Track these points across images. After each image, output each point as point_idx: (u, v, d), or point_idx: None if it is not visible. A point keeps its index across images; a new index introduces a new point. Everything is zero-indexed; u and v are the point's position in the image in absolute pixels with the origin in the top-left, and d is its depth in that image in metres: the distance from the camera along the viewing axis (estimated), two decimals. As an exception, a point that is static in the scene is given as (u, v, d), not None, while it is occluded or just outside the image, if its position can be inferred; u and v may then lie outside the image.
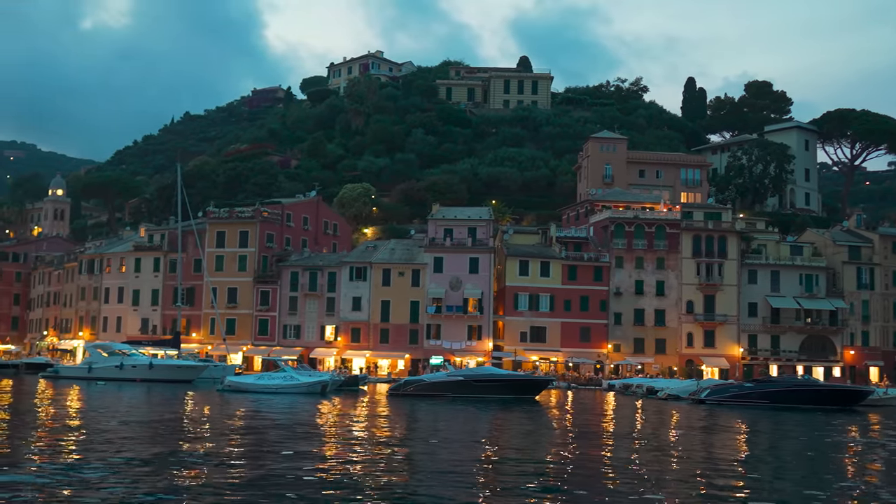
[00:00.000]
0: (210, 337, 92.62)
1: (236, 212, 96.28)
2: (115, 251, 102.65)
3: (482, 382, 55.93)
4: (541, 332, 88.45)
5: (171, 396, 50.32)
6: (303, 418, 37.10)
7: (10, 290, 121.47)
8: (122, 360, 71.46)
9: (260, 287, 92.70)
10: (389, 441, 27.42)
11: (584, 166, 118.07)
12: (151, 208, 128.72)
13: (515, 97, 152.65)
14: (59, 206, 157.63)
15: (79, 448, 22.60)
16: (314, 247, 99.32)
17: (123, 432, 27.54)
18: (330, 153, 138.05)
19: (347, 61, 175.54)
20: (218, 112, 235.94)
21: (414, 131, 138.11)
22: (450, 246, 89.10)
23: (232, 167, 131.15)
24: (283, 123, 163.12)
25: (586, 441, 29.27)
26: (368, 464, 20.85)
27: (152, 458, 20.86)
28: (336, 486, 17.08)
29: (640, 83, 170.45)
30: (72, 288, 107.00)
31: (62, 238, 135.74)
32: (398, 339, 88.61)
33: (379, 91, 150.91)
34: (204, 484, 16.81)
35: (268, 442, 26.19)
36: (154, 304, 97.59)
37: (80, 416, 34.35)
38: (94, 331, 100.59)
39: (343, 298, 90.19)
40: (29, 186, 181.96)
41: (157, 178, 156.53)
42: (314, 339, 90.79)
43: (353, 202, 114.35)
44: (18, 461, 19.61)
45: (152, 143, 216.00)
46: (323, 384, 58.95)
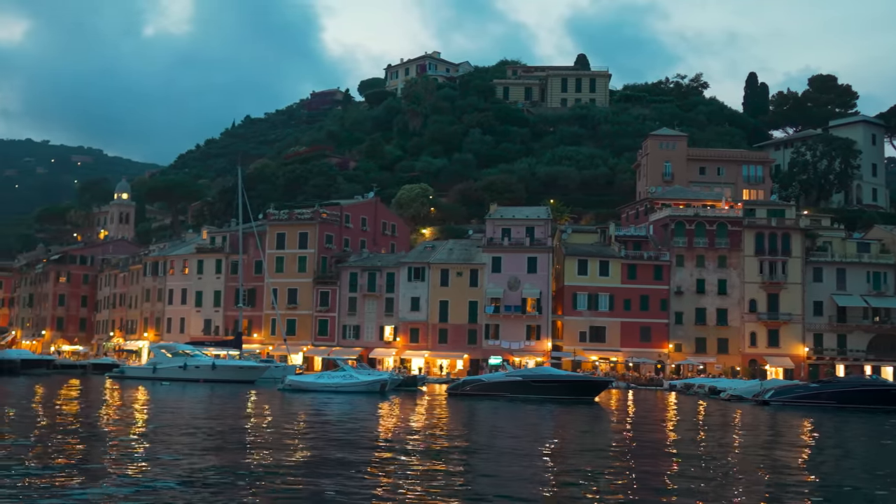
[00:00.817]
0: (271, 337, 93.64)
1: (296, 213, 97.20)
2: (178, 253, 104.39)
3: (541, 383, 55.62)
4: (600, 332, 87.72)
5: (233, 396, 50.99)
6: (362, 416, 37.28)
7: (77, 292, 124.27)
8: (185, 360, 72.69)
9: (319, 288, 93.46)
10: (448, 440, 27.38)
11: (644, 164, 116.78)
12: (213, 211, 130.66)
13: (573, 95, 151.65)
14: (124, 209, 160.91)
15: (150, 448, 23.01)
16: (373, 247, 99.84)
17: (200, 433, 27.96)
18: (388, 154, 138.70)
19: (405, 62, 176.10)
20: (277, 115, 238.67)
21: (471, 131, 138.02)
22: (508, 246, 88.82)
23: (291, 169, 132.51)
24: (342, 125, 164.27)
25: (647, 442, 28.92)
26: (424, 464, 20.83)
27: (221, 460, 21.13)
28: (393, 487, 17.08)
29: (700, 79, 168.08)
30: (137, 290, 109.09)
31: (127, 241, 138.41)
32: (457, 340, 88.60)
33: (436, 92, 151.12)
34: (267, 482, 16.96)
35: (332, 438, 26.35)
36: (216, 305, 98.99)
37: (154, 416, 35.00)
38: (159, 332, 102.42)
39: (402, 299, 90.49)
40: (95, 191, 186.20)
41: (219, 181, 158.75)
42: (373, 339, 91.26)
43: (411, 203, 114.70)
44: (95, 461, 20.02)
45: (214, 147, 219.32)
46: (382, 383, 59.26)
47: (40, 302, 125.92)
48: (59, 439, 24.53)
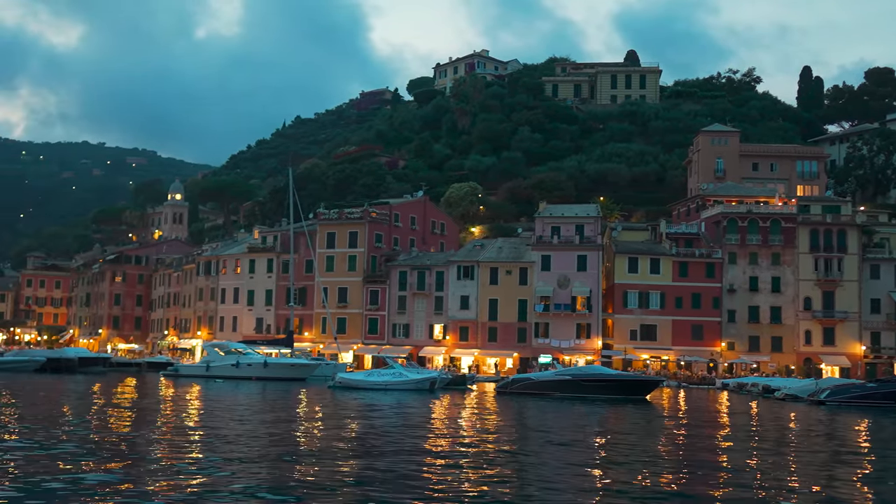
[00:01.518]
0: (321, 336, 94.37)
1: (346, 213, 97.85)
2: (231, 253, 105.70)
3: (591, 382, 55.29)
4: (651, 330, 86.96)
5: (285, 393, 51.50)
6: (412, 413, 37.40)
7: (133, 291, 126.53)
8: (238, 358, 73.60)
9: (369, 287, 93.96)
10: (496, 439, 27.36)
11: (695, 161, 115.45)
12: (264, 211, 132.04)
13: (623, 92, 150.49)
14: (177, 210, 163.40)
15: (212, 443, 23.33)
16: (422, 246, 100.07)
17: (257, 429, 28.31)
18: (437, 153, 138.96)
19: (453, 61, 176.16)
20: (327, 115, 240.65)
21: (520, 129, 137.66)
22: (557, 244, 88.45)
23: (341, 169, 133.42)
24: (391, 125, 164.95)
25: (700, 442, 28.61)
26: (474, 462, 20.82)
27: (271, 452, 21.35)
28: (444, 486, 17.09)
29: (752, 74, 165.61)
30: (190, 289, 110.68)
31: (181, 241, 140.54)
32: (506, 338, 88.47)
33: (485, 90, 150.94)
34: (319, 478, 17.10)
35: (380, 436, 26.48)
36: (268, 304, 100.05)
37: (222, 413, 35.47)
38: (212, 330, 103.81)
39: (451, 297, 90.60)
40: (150, 192, 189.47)
41: (270, 182, 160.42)
42: (423, 337, 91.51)
43: (460, 201, 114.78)
44: (148, 456, 20.38)
45: (265, 148, 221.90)
46: (431, 381, 59.41)
47: (97, 301, 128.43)
48: (118, 435, 24.99)
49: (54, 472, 17.03)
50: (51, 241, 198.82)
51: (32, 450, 20.41)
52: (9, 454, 19.20)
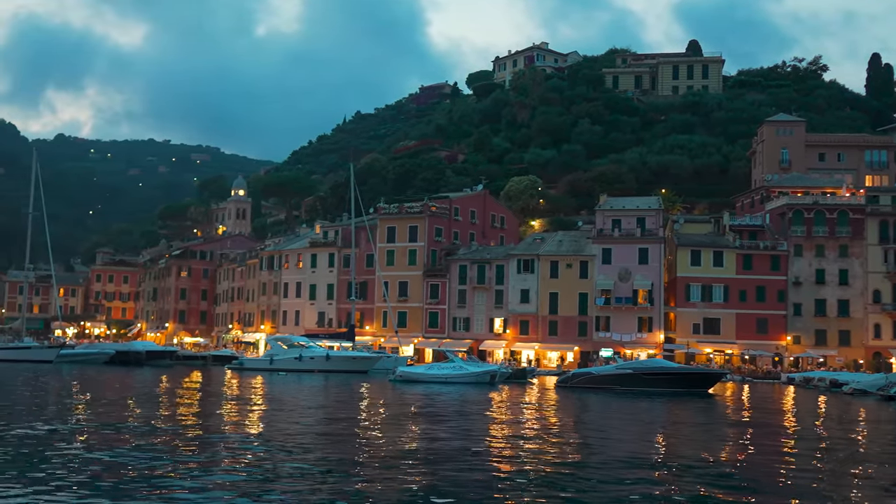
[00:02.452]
0: (382, 329, 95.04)
1: (406, 207, 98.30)
2: (293, 248, 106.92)
3: (652, 375, 54.83)
4: (714, 324, 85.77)
5: (347, 386, 52.04)
6: (472, 406, 37.50)
7: (198, 286, 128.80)
8: (301, 352, 74.65)
9: (429, 280, 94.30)
10: (559, 433, 27.32)
11: (759, 151, 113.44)
12: (326, 206, 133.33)
13: (685, 83, 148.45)
14: (241, 205, 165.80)
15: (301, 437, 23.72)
16: (482, 240, 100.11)
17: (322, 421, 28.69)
18: (496, 147, 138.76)
19: (512, 54, 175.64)
20: (387, 110, 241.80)
21: (580, 122, 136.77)
22: (618, 237, 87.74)
23: (401, 164, 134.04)
24: (450, 119, 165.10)
25: (764, 438, 28.23)
26: (536, 455, 20.84)
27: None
28: (506, 482, 17.15)
29: (818, 62, 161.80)
30: (254, 283, 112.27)
31: (244, 236, 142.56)
32: (567, 332, 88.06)
33: (544, 83, 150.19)
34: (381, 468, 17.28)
35: (440, 428, 26.63)
36: (329, 298, 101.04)
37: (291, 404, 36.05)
38: (275, 324, 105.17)
39: (511, 291, 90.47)
40: (214, 188, 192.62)
41: (331, 177, 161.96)
42: (483, 331, 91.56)
43: (520, 195, 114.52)
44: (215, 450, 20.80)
45: (326, 143, 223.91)
46: (491, 374, 59.50)
47: (163, 296, 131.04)
48: (187, 427, 25.54)
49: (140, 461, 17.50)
50: (119, 238, 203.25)
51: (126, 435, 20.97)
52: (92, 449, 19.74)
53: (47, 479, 14.87)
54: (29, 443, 20.15)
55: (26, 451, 18.78)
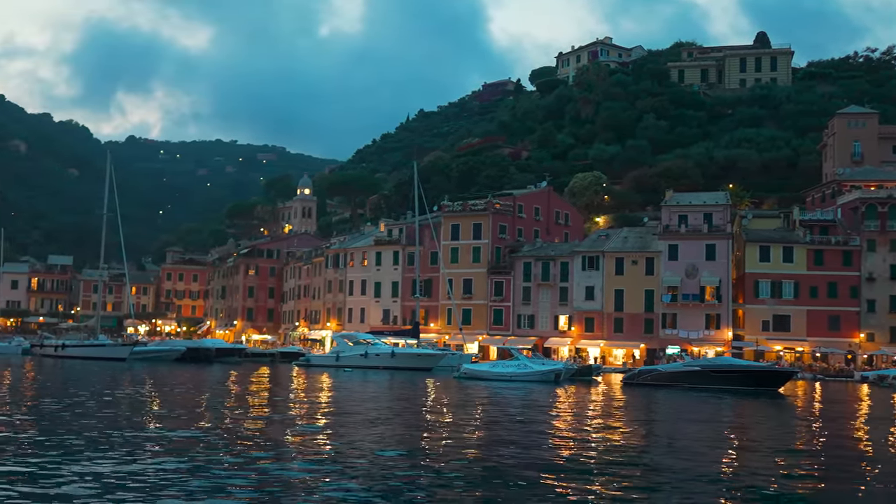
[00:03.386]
0: (447, 327, 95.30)
1: (469, 205, 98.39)
2: (358, 246, 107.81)
3: (721, 373, 54.05)
4: (784, 321, 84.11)
5: (412, 383, 52.33)
6: (537, 405, 37.43)
7: (265, 283, 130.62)
8: (366, 349, 75.28)
9: (494, 278, 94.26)
10: (625, 431, 27.15)
11: (830, 144, 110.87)
12: (390, 203, 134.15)
13: (752, 75, 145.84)
14: (306, 204, 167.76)
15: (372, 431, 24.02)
16: (546, 237, 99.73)
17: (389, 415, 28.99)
18: (560, 143, 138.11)
19: (575, 50, 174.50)
20: (450, 108, 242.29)
21: (645, 116, 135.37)
22: (685, 233, 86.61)
23: (464, 161, 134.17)
24: (513, 115, 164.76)
25: (838, 437, 27.68)
26: (602, 453, 20.75)
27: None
28: (569, 479, 17.11)
29: (892, 52, 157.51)
30: (319, 281, 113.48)
31: (310, 234, 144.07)
32: (633, 329, 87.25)
33: (608, 78, 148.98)
34: (442, 467, 17.40)
35: (505, 424, 26.66)
36: (394, 295, 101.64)
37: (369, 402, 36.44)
38: (341, 321, 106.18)
39: (576, 288, 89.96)
40: (280, 187, 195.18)
41: (395, 175, 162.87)
42: (548, 328, 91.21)
43: (584, 191, 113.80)
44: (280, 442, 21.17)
45: (389, 141, 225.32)
46: (556, 373, 59.20)
47: (232, 294, 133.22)
48: (260, 421, 26.00)
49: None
50: (188, 237, 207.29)
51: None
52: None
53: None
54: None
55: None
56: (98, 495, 13.28)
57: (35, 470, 15.28)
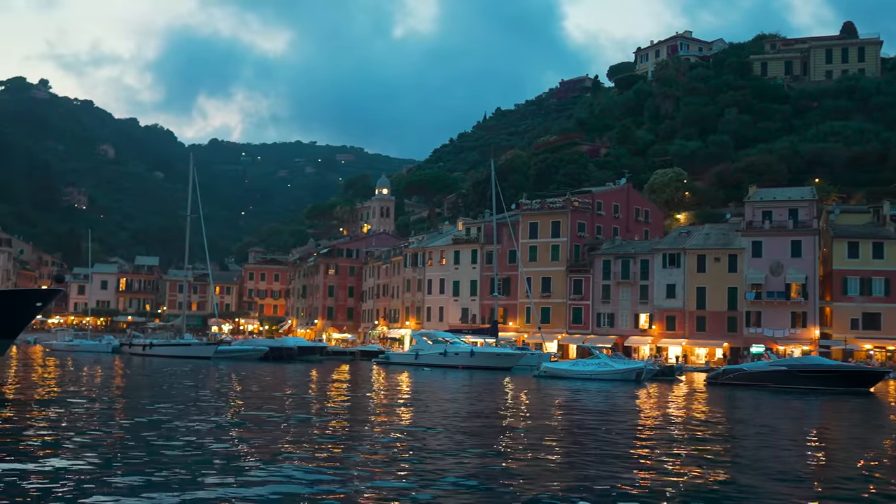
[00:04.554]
0: (525, 325, 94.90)
1: (548, 203, 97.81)
2: (436, 245, 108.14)
3: (808, 373, 52.67)
4: (874, 319, 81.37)
5: (492, 382, 52.24)
6: (619, 404, 36.99)
7: (345, 283, 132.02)
8: (445, 347, 75.41)
9: (572, 276, 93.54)
10: (710, 433, 26.63)
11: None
12: (467, 202, 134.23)
13: (839, 67, 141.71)
14: (384, 204, 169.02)
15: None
16: (625, 234, 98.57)
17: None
18: (639, 139, 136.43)
19: (654, 45, 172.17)
20: (527, 105, 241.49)
21: (727, 111, 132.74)
22: (769, 229, 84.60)
23: (542, 159, 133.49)
24: (591, 112, 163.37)
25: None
26: (685, 457, 20.38)
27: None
28: (652, 481, 16.86)
29: None
30: (398, 280, 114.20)
31: (388, 234, 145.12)
32: (715, 327, 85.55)
33: (688, 72, 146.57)
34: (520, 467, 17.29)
35: (586, 425, 26.40)
36: (472, 294, 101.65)
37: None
38: (419, 320, 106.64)
39: (656, 286, 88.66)
40: (358, 187, 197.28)
41: (472, 174, 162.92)
42: (628, 327, 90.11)
43: (665, 188, 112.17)
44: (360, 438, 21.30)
45: (466, 140, 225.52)
46: (637, 371, 58.52)
47: (312, 293, 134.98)
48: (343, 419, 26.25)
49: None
50: (269, 237, 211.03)
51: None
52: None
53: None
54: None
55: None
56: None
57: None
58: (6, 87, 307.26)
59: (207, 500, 13.00)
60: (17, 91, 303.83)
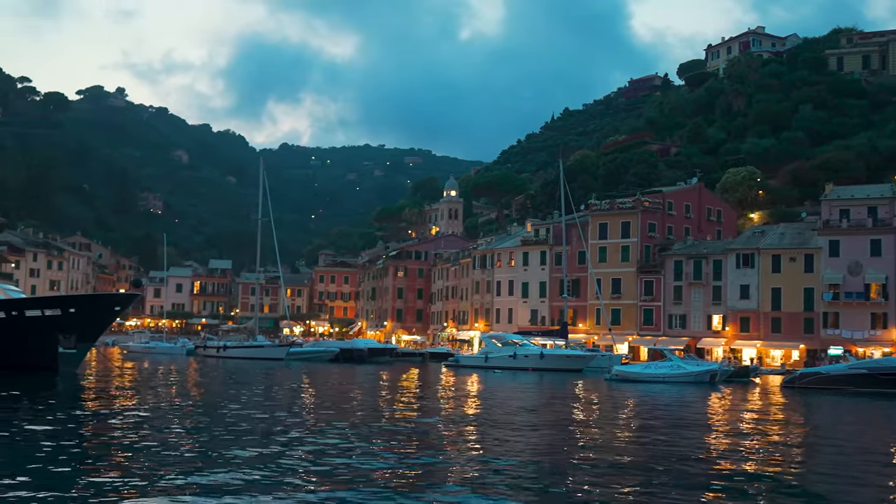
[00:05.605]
0: (596, 327, 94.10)
1: (617, 203, 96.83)
2: (504, 246, 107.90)
3: (890, 376, 51.09)
4: (960, 320, 78.76)
5: (562, 385, 51.89)
6: (692, 407, 36.38)
7: (414, 285, 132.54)
8: (515, 350, 75.12)
9: (643, 277, 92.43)
10: (786, 440, 26.02)
11: None
12: (536, 204, 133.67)
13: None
14: (452, 206, 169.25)
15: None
16: (697, 234, 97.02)
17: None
18: (710, 138, 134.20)
19: (726, 41, 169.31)
20: (595, 105, 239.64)
21: (801, 107, 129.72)
22: (847, 228, 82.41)
23: (611, 159, 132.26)
24: (661, 111, 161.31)
25: None
26: (761, 462, 19.93)
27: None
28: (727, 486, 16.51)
29: None
30: (467, 282, 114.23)
31: (457, 236, 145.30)
32: (791, 329, 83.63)
33: (761, 69, 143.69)
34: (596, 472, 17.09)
35: (659, 430, 26.01)
36: (542, 295, 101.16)
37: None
38: (488, 322, 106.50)
39: (730, 286, 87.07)
40: (426, 189, 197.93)
41: (540, 175, 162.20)
42: (700, 328, 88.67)
43: (737, 186, 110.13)
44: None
45: (534, 141, 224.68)
46: (711, 374, 57.57)
47: (381, 295, 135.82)
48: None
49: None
50: (339, 240, 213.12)
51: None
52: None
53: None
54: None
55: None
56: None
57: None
58: (85, 96, 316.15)
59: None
60: (95, 99, 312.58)
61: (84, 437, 21.18)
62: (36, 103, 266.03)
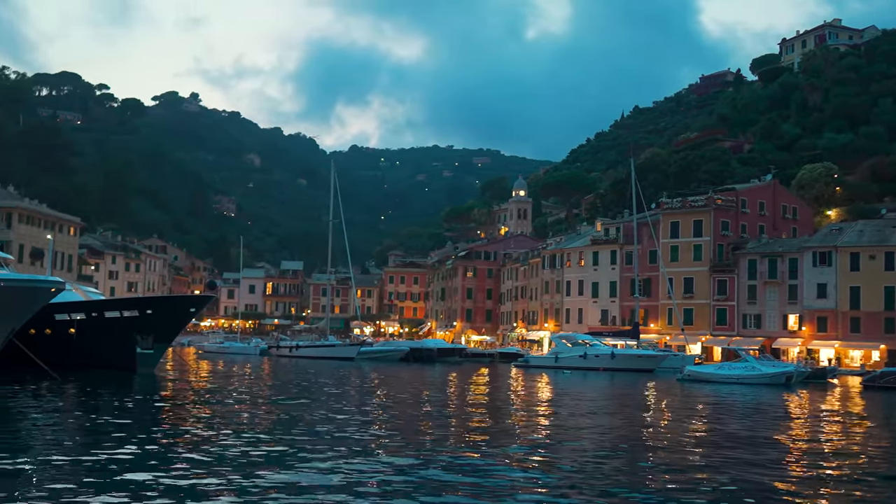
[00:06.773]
0: (667, 327, 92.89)
1: (689, 201, 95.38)
2: (574, 246, 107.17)
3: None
4: None
5: (634, 385, 51.36)
6: (768, 409, 35.68)
7: (483, 285, 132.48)
8: (585, 350, 74.60)
9: (716, 276, 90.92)
10: (868, 446, 25.36)
11: None
12: (605, 203, 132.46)
13: None
14: (521, 205, 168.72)
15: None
16: (772, 232, 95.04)
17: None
18: (785, 133, 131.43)
19: (801, 35, 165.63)
20: (665, 102, 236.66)
21: (881, 101, 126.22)
22: (929, 224, 79.97)
23: (682, 156, 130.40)
24: (734, 107, 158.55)
25: None
26: (841, 466, 19.46)
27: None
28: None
29: None
30: (536, 282, 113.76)
31: (526, 236, 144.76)
32: (871, 328, 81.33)
33: (838, 62, 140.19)
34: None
35: (730, 433, 25.60)
36: (612, 295, 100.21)
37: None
38: (558, 322, 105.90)
39: (806, 285, 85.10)
40: (495, 189, 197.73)
41: (610, 174, 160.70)
42: (776, 328, 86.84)
43: (814, 183, 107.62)
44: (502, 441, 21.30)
45: (603, 140, 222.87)
46: (787, 375, 56.35)
47: (451, 295, 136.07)
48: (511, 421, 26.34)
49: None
50: (408, 240, 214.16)
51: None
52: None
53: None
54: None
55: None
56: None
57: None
58: (160, 102, 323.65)
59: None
60: (170, 105, 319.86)
61: (174, 433, 21.68)
62: (114, 109, 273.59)
